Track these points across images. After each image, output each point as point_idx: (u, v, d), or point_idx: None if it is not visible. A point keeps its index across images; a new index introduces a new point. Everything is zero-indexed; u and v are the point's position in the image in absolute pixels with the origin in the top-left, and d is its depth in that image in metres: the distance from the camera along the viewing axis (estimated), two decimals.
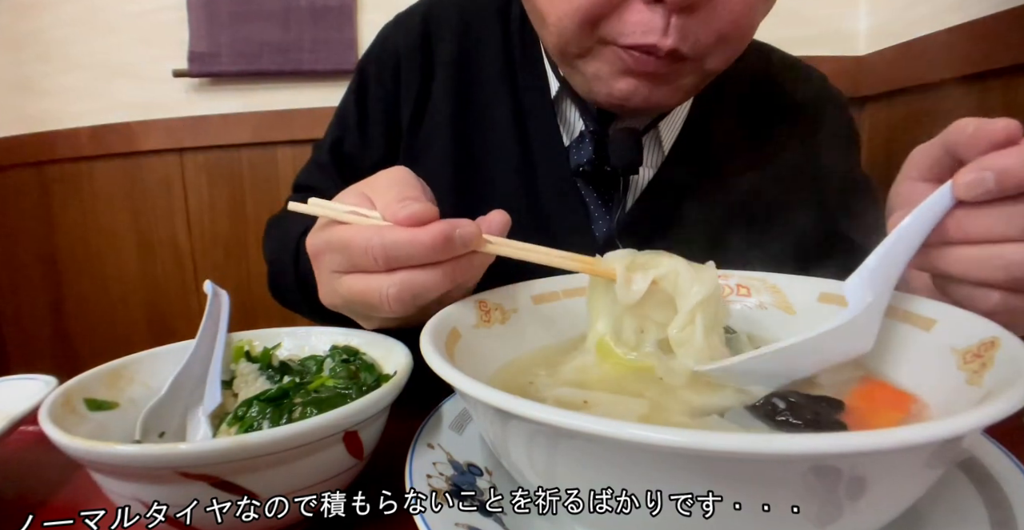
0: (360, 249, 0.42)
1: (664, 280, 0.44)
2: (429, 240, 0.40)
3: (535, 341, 0.48)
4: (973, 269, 0.38)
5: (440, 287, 0.42)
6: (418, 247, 0.40)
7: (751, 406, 0.36)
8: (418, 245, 0.40)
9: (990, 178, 0.36)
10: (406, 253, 0.41)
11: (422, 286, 0.41)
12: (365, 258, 0.42)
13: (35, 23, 1.65)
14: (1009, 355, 0.33)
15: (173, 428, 0.45)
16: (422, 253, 0.41)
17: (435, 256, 0.41)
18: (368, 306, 0.44)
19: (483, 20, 0.78)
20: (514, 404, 0.27)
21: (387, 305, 0.42)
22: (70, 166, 1.69)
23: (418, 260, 0.41)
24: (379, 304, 0.42)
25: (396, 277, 0.42)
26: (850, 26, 1.50)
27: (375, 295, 0.42)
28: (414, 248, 0.40)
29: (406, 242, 0.40)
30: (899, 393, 0.38)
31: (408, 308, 0.42)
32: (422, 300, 0.42)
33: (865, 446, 0.23)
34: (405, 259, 0.41)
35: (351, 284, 0.44)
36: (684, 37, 0.54)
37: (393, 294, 0.41)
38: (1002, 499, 0.34)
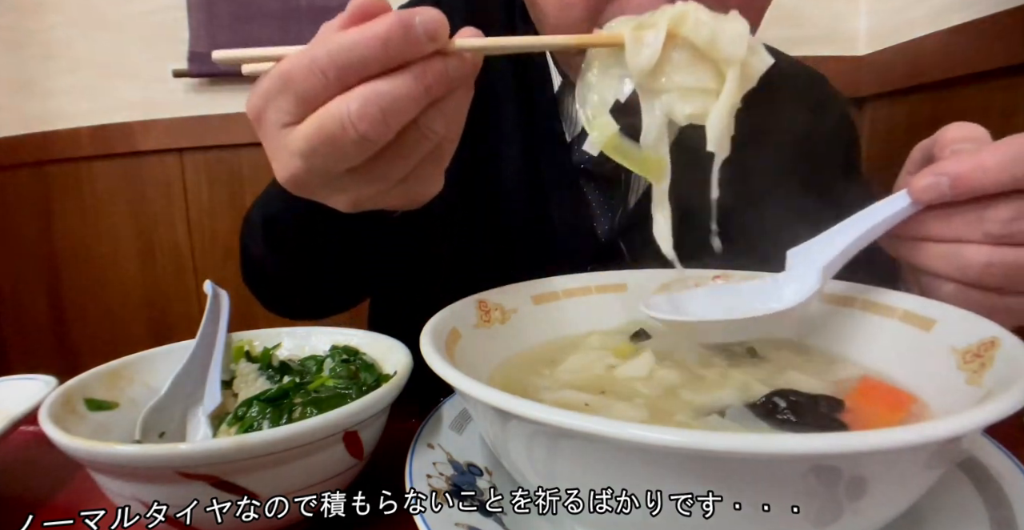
0: (303, 72, 0.34)
1: (684, 28, 0.38)
2: (384, 30, 0.32)
3: (535, 341, 0.48)
4: (933, 263, 0.42)
5: (412, 98, 0.34)
6: (372, 43, 0.33)
7: (752, 405, 0.36)
8: (371, 39, 0.33)
9: (944, 183, 0.39)
10: (359, 55, 0.33)
11: (389, 95, 0.33)
12: (311, 81, 0.34)
13: (36, 23, 1.65)
14: (1009, 355, 0.33)
15: (173, 428, 0.45)
16: (378, 51, 0.33)
17: (396, 54, 0.33)
18: (333, 146, 0.35)
19: (489, 13, 0.76)
20: (514, 404, 0.27)
21: (352, 130, 0.33)
22: (70, 166, 1.69)
23: (377, 63, 0.33)
24: (343, 134, 0.34)
25: (355, 91, 0.34)
26: (850, 26, 1.50)
27: (335, 124, 0.34)
28: (367, 47, 0.33)
29: (354, 41, 0.33)
30: (899, 393, 0.38)
31: (379, 129, 0.34)
32: (395, 119, 0.34)
33: (865, 446, 0.23)
34: (360, 65, 0.33)
35: (306, 129, 0.35)
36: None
37: (355, 111, 0.33)
38: (1002, 499, 0.34)
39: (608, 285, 0.52)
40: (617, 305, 0.52)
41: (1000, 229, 0.39)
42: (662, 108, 0.41)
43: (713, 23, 0.39)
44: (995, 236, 0.39)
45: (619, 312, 0.52)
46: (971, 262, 0.40)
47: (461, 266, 0.58)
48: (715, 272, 0.52)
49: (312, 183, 0.39)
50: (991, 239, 0.39)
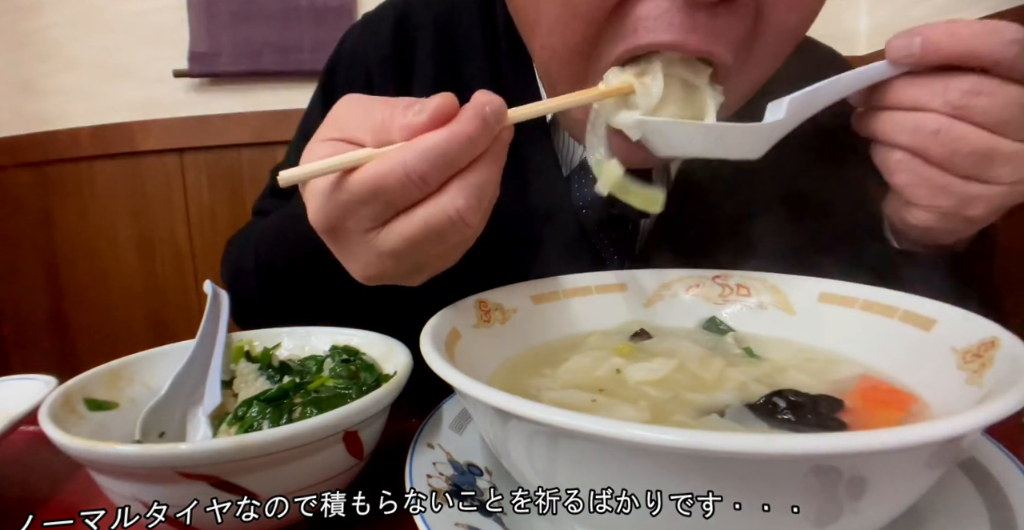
0: (398, 180, 0.34)
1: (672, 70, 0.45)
2: (471, 129, 0.34)
3: (535, 341, 0.48)
4: (889, 130, 0.44)
5: (496, 176, 0.37)
6: (462, 141, 0.34)
7: (751, 405, 0.36)
8: (462, 139, 0.34)
9: (917, 43, 0.41)
10: (454, 155, 0.34)
11: (484, 181, 0.36)
12: (407, 187, 0.34)
13: (35, 23, 1.65)
14: (1009, 355, 0.33)
15: (173, 428, 0.45)
16: (468, 147, 0.34)
17: (481, 145, 0.35)
18: (439, 237, 0.36)
19: (464, 29, 0.67)
20: (514, 404, 0.27)
21: (461, 222, 0.35)
22: (70, 166, 1.69)
23: (467, 157, 0.35)
24: (451, 226, 0.35)
25: (454, 187, 0.35)
26: (850, 26, 1.50)
27: (443, 219, 0.35)
28: (460, 148, 0.34)
29: (446, 142, 0.34)
30: (899, 393, 0.38)
31: (479, 215, 0.36)
32: (487, 199, 0.37)
33: (865, 446, 0.23)
34: (454, 163, 0.35)
35: (402, 228, 0.36)
36: (713, 36, 0.43)
37: (463, 206, 0.35)
38: (1002, 499, 0.34)
39: (608, 285, 0.53)
40: (617, 305, 0.52)
41: (958, 99, 0.41)
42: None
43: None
44: (953, 105, 0.41)
45: (619, 312, 0.52)
46: (923, 126, 0.42)
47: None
48: (715, 272, 0.53)
49: (397, 272, 0.40)
50: (948, 108, 0.41)
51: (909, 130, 0.43)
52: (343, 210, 0.37)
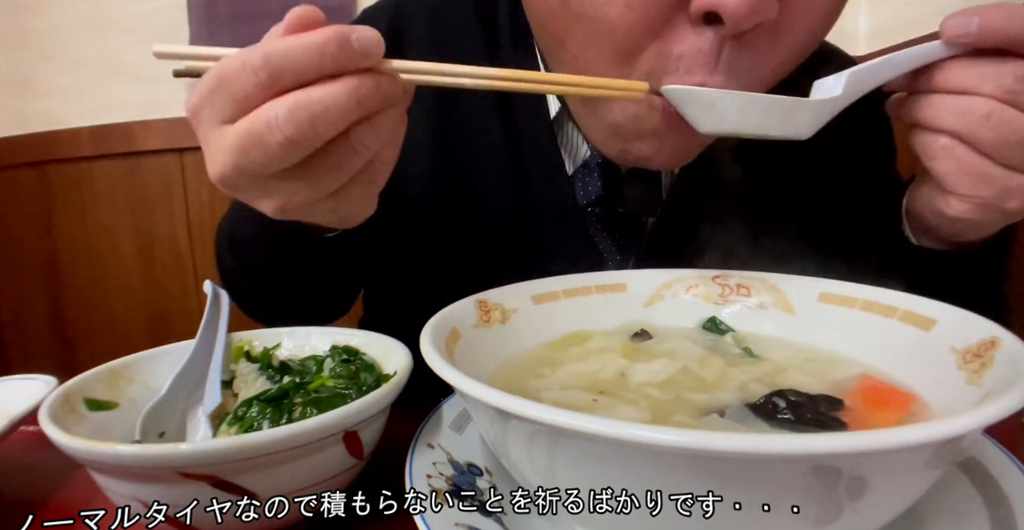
0: (235, 72, 0.34)
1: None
2: (321, 40, 0.33)
3: (535, 341, 0.48)
4: (934, 114, 0.42)
5: (342, 107, 0.34)
6: (308, 49, 0.33)
7: (752, 405, 0.36)
8: (308, 46, 0.33)
9: (975, 22, 0.39)
10: (294, 60, 0.34)
11: (320, 102, 0.34)
12: (244, 81, 0.34)
13: (36, 23, 1.65)
14: (1009, 355, 0.33)
15: (173, 428, 0.45)
16: (314, 59, 0.34)
17: (331, 64, 0.34)
18: (261, 147, 0.35)
19: (461, 28, 0.66)
20: (514, 404, 0.27)
21: (279, 132, 0.34)
22: (70, 166, 1.69)
23: (311, 71, 0.34)
24: (270, 135, 0.34)
25: (287, 96, 0.34)
26: (850, 26, 1.50)
27: (263, 125, 0.34)
28: (303, 53, 0.33)
29: (291, 46, 0.34)
30: (899, 392, 0.38)
31: (306, 134, 0.34)
32: (324, 126, 0.34)
33: (865, 446, 0.23)
34: (294, 70, 0.34)
35: (237, 128, 0.35)
36: (735, 73, 0.44)
37: (283, 114, 0.34)
38: (1002, 499, 0.34)
39: (608, 285, 0.52)
40: (617, 305, 0.52)
41: (1012, 84, 0.39)
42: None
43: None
44: (1005, 89, 0.39)
45: (619, 312, 0.52)
46: (973, 109, 0.40)
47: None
48: (715, 272, 0.53)
49: (241, 183, 0.39)
50: (1000, 92, 0.40)
51: (958, 113, 0.41)
52: (199, 97, 0.38)
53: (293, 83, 0.34)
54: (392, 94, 0.37)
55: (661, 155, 0.51)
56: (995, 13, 0.39)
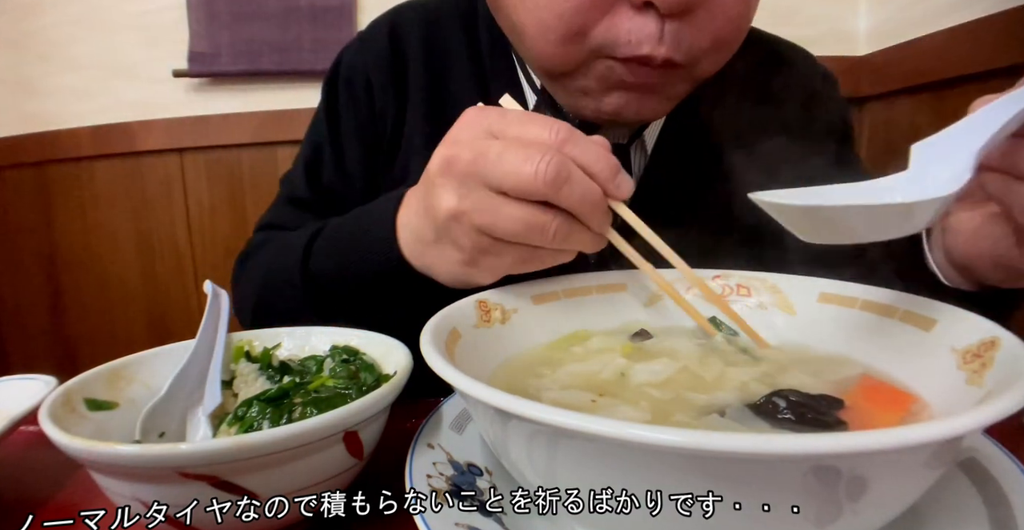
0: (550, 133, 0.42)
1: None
2: (614, 165, 0.43)
3: (535, 341, 0.48)
4: None
5: (583, 197, 0.42)
6: (606, 160, 0.42)
7: (752, 405, 0.36)
8: (605, 157, 0.42)
9: None
10: (595, 161, 0.42)
11: (581, 182, 0.41)
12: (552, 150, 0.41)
13: (35, 23, 1.65)
14: (1009, 355, 0.33)
15: (173, 428, 0.45)
16: (606, 164, 0.43)
17: (608, 174, 0.43)
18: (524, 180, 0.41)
19: (448, 32, 0.73)
20: (514, 404, 0.27)
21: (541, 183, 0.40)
22: (70, 166, 1.69)
23: (597, 165, 0.42)
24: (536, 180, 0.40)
25: (574, 170, 0.41)
26: (850, 26, 1.50)
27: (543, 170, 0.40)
28: (605, 159, 0.43)
29: (599, 153, 0.43)
30: (898, 392, 0.38)
31: (554, 192, 0.41)
32: (565, 196, 0.41)
33: (865, 446, 0.23)
34: (589, 163, 0.42)
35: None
36: (678, 44, 0.51)
37: (556, 170, 0.40)
38: (1002, 499, 0.34)
39: (608, 285, 0.53)
40: (617, 305, 0.52)
41: None
42: None
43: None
44: None
45: (619, 312, 0.52)
46: None
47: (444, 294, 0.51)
48: (715, 272, 0.53)
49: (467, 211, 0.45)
50: None
51: None
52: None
53: (573, 158, 0.42)
54: (601, 223, 0.44)
55: (631, 106, 0.57)
56: None
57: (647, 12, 0.50)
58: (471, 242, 0.45)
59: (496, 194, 0.42)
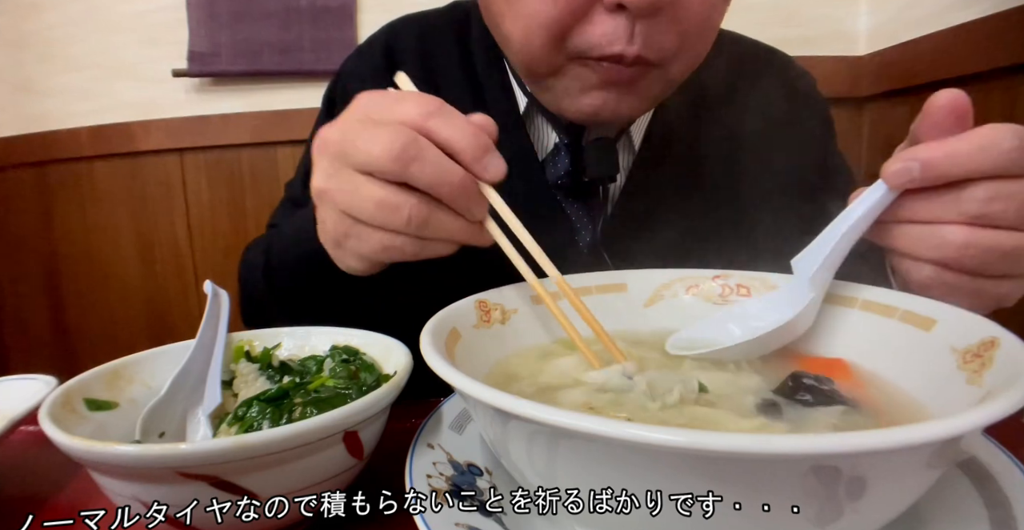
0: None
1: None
2: (479, 129, 0.43)
3: (535, 341, 0.48)
4: (911, 245, 0.42)
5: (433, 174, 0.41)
6: (468, 128, 0.42)
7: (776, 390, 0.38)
8: (469, 126, 0.42)
9: (916, 169, 0.39)
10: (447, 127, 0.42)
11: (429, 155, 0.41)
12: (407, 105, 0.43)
13: (36, 23, 1.65)
14: (1009, 355, 0.33)
15: (173, 428, 0.45)
16: (464, 132, 0.42)
17: (468, 144, 0.42)
18: (367, 143, 0.41)
19: (442, 43, 0.77)
20: (514, 404, 0.27)
21: (381, 146, 0.40)
22: (70, 166, 1.69)
23: (453, 138, 0.42)
24: (379, 142, 0.41)
25: (421, 138, 0.41)
26: (850, 26, 1.50)
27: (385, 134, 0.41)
28: (464, 128, 0.42)
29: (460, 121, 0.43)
30: (828, 360, 0.44)
31: (399, 163, 0.40)
32: (416, 171, 0.41)
33: (865, 446, 0.23)
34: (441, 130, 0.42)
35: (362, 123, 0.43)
36: (648, 43, 0.55)
37: (404, 140, 0.40)
38: (1002, 499, 0.34)
39: (608, 285, 0.53)
40: (617, 305, 0.52)
41: (977, 209, 0.39)
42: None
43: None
44: (972, 216, 0.39)
45: (619, 312, 0.52)
46: (949, 242, 0.40)
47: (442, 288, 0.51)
48: (715, 272, 0.53)
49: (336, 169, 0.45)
50: (968, 219, 0.39)
51: (935, 246, 0.41)
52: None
53: (434, 133, 0.42)
54: (468, 206, 0.44)
55: (608, 105, 0.60)
56: (933, 154, 0.39)
57: (619, 14, 0.53)
58: (333, 222, 0.46)
59: (359, 174, 0.42)
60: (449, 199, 0.43)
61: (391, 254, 0.46)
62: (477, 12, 0.74)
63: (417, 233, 0.44)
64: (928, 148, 0.39)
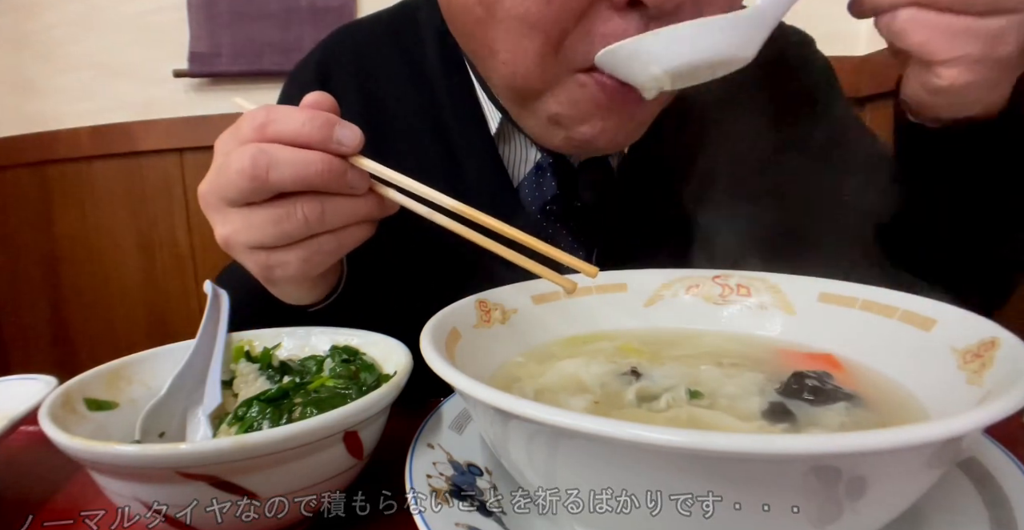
0: (247, 115, 0.43)
1: None
2: (311, 114, 0.42)
3: (535, 341, 0.48)
4: (907, 24, 0.40)
5: (294, 168, 0.41)
6: (299, 116, 0.41)
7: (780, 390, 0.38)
8: (301, 114, 0.42)
9: None
10: (283, 120, 0.42)
11: (279, 154, 0.41)
12: (245, 122, 0.43)
13: (35, 23, 1.65)
14: (1009, 355, 0.33)
15: (173, 428, 0.45)
16: (297, 122, 0.42)
17: (307, 133, 0.42)
18: (225, 172, 0.42)
19: (384, 56, 0.68)
20: (514, 404, 0.27)
21: (237, 162, 0.41)
22: (70, 166, 1.69)
23: (293, 133, 0.42)
24: (234, 163, 0.41)
25: (263, 143, 0.42)
26: (850, 26, 1.49)
27: (234, 155, 0.42)
28: (295, 117, 0.41)
29: (289, 111, 0.42)
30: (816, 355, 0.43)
31: (257, 173, 0.41)
32: (274, 175, 0.41)
33: (865, 446, 0.23)
34: (279, 127, 0.42)
35: (220, 153, 0.44)
36: None
37: (250, 151, 0.41)
38: (1002, 499, 0.34)
39: (608, 285, 0.52)
40: (617, 305, 0.52)
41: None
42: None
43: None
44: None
45: (620, 312, 0.52)
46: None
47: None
48: (715, 272, 0.53)
49: (210, 202, 0.45)
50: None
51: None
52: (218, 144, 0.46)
53: (275, 137, 0.42)
54: (346, 183, 0.43)
55: (606, 134, 0.52)
56: None
57: (629, 13, 0.45)
58: (252, 262, 0.46)
59: (242, 208, 0.43)
60: (323, 184, 0.42)
61: (317, 261, 0.45)
62: (426, 12, 0.67)
63: (321, 228, 0.43)
64: None
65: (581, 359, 0.44)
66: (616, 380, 0.41)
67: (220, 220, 0.45)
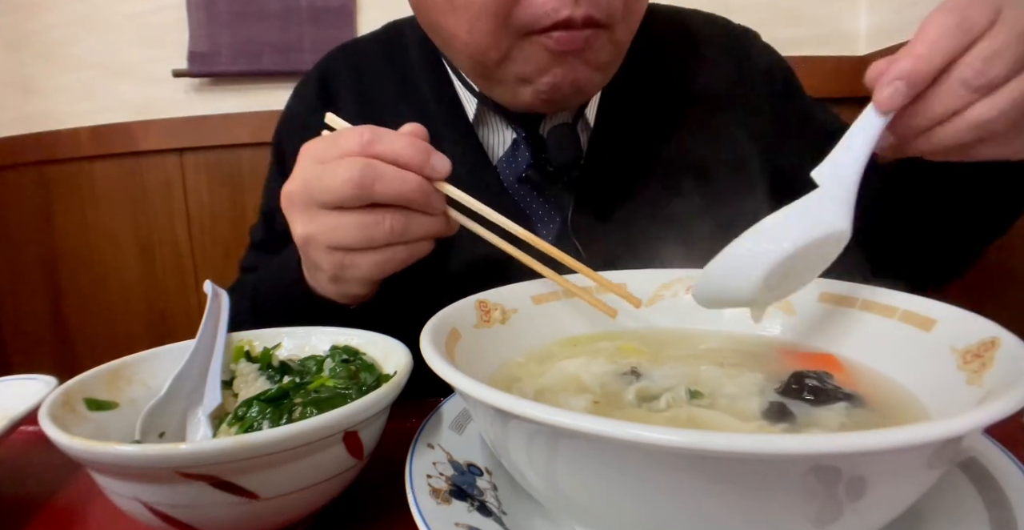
0: (350, 130, 0.48)
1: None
2: (416, 141, 0.47)
3: (535, 341, 0.48)
4: (958, 137, 0.41)
5: (398, 185, 0.47)
6: (405, 140, 0.47)
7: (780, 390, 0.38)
8: (406, 138, 0.47)
9: (902, 88, 0.40)
10: (390, 142, 0.47)
11: (387, 172, 0.46)
12: (352, 136, 0.47)
13: (35, 23, 1.65)
14: (1009, 355, 0.33)
15: (173, 428, 0.45)
16: (403, 145, 0.47)
17: (409, 155, 0.47)
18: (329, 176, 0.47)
19: (376, 68, 0.78)
20: (514, 404, 0.27)
21: (345, 171, 0.46)
22: (70, 166, 1.68)
23: (398, 151, 0.47)
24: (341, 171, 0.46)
25: (373, 160, 0.47)
26: (850, 26, 1.50)
27: (343, 164, 0.46)
28: (402, 140, 0.47)
29: (395, 136, 0.47)
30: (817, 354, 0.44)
31: (364, 183, 0.46)
32: (380, 187, 0.46)
33: (865, 446, 0.23)
34: (385, 147, 0.47)
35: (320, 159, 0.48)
36: (594, 2, 0.55)
37: (360, 164, 0.46)
38: (1002, 499, 0.34)
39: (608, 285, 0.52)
40: (618, 305, 0.52)
41: (983, 79, 0.39)
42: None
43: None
44: (981, 85, 0.39)
45: (620, 312, 0.52)
46: (977, 122, 0.40)
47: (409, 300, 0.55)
48: None
49: (297, 201, 0.50)
50: (981, 91, 0.39)
51: (975, 125, 0.40)
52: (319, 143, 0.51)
53: (379, 155, 0.47)
54: (431, 203, 0.49)
55: (567, 78, 0.59)
56: (905, 66, 0.39)
57: None
58: (327, 260, 0.50)
59: (331, 211, 0.48)
60: (415, 202, 0.48)
61: (386, 267, 0.50)
62: (412, 29, 0.76)
63: (400, 239, 0.49)
64: (898, 65, 0.39)
65: (581, 359, 0.44)
66: (616, 380, 0.41)
67: (305, 219, 0.50)
